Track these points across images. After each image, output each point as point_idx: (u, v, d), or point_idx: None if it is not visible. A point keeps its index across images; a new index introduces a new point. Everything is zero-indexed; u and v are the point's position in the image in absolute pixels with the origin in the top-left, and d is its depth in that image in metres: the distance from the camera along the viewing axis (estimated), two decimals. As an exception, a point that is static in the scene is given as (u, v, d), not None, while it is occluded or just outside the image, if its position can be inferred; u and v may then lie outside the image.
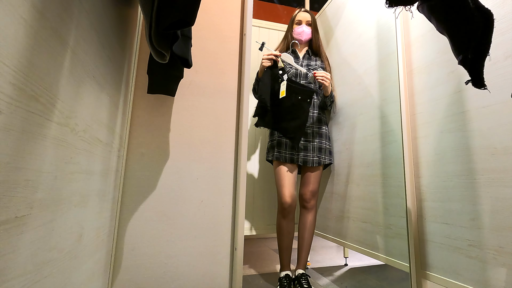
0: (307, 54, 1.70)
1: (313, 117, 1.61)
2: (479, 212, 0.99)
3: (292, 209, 1.49)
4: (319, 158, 1.56)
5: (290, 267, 1.51)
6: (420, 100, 1.27)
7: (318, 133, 1.59)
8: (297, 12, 1.72)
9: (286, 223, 1.49)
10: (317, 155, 1.56)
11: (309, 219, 1.54)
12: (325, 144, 1.60)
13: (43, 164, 0.45)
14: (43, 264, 0.47)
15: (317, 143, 1.57)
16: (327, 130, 1.64)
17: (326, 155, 1.59)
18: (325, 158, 1.58)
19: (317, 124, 1.61)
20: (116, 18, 0.82)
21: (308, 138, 1.57)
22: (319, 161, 1.55)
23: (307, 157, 1.55)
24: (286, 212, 1.48)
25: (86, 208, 0.67)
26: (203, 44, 1.23)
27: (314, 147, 1.57)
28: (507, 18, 0.95)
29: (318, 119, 1.62)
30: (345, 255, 1.96)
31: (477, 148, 1.01)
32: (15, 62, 0.36)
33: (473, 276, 1.00)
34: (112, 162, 0.90)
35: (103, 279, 0.90)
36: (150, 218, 1.06)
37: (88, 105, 0.64)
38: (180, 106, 1.17)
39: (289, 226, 1.50)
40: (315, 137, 1.58)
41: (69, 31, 0.51)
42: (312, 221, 1.55)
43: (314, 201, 1.56)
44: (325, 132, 1.63)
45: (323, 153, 1.58)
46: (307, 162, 1.54)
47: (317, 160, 1.55)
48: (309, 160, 1.54)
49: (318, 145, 1.57)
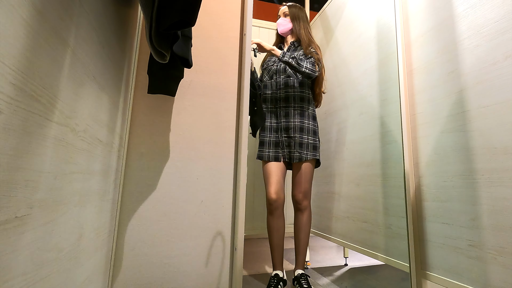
0: (293, 46, 1.67)
1: (294, 111, 1.56)
2: (479, 212, 0.99)
3: (278, 205, 1.48)
4: (300, 154, 1.51)
5: (282, 267, 1.49)
6: (420, 100, 1.27)
7: (299, 128, 1.54)
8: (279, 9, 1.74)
9: (273, 219, 1.49)
10: (298, 151, 1.51)
11: (303, 220, 1.51)
12: (307, 139, 1.53)
13: (43, 164, 0.45)
14: (43, 264, 0.47)
15: (298, 138, 1.52)
16: (310, 124, 1.56)
17: (309, 150, 1.52)
18: (308, 154, 1.51)
19: (298, 118, 1.55)
20: (116, 18, 0.82)
21: (290, 134, 1.54)
22: (300, 157, 1.50)
23: (291, 153, 1.53)
24: (272, 208, 1.48)
25: (86, 208, 0.67)
26: (203, 44, 1.23)
27: (296, 142, 1.52)
28: (507, 18, 0.95)
29: (300, 113, 1.56)
30: (345, 255, 1.95)
31: (477, 148, 1.01)
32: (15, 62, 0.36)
33: (473, 276, 1.00)
34: (112, 162, 0.90)
35: (103, 279, 0.90)
36: (150, 218, 1.06)
37: (88, 105, 0.64)
38: (180, 106, 1.17)
39: (277, 223, 1.49)
40: (296, 132, 1.53)
41: (69, 31, 0.51)
42: (306, 221, 1.52)
43: (307, 201, 1.53)
44: (308, 127, 1.55)
45: (305, 149, 1.52)
46: (292, 158, 1.53)
47: (298, 156, 1.51)
48: (292, 156, 1.52)
49: (299, 140, 1.52)
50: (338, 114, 1.85)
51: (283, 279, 1.44)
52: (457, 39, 1.12)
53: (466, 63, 1.07)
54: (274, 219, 1.49)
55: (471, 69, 1.05)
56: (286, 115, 1.57)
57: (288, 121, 1.55)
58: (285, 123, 1.56)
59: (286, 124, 1.56)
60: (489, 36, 1.00)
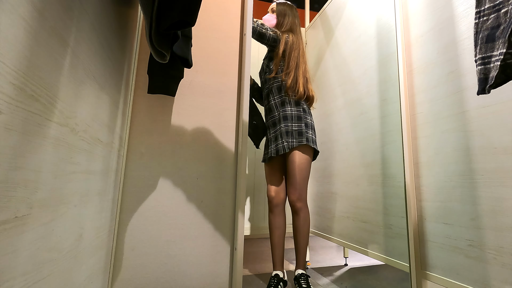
0: None
1: (275, 103, 1.55)
2: (479, 212, 0.99)
3: (278, 203, 1.49)
4: (287, 143, 1.45)
5: (283, 267, 1.49)
6: (420, 100, 1.27)
7: (283, 117, 1.50)
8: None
9: (273, 217, 1.50)
10: (286, 140, 1.46)
11: (299, 221, 1.47)
12: (291, 126, 1.47)
13: (43, 164, 0.45)
14: (43, 264, 0.47)
15: (283, 128, 1.48)
16: (294, 110, 1.51)
17: (294, 137, 1.45)
18: (293, 141, 1.45)
19: (281, 107, 1.53)
20: (116, 18, 0.82)
21: (276, 126, 1.53)
22: (287, 146, 1.45)
23: (278, 145, 1.49)
24: (272, 206, 1.51)
25: (86, 208, 0.67)
26: (203, 44, 1.23)
27: (282, 132, 1.48)
28: (507, 18, 0.94)
29: (281, 103, 1.54)
30: (345, 255, 1.96)
31: (477, 148, 1.01)
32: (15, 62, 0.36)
33: (473, 276, 1.00)
34: (112, 162, 0.90)
35: (103, 279, 0.90)
36: (150, 218, 1.06)
37: (88, 105, 0.64)
38: (180, 106, 1.17)
39: (278, 221, 1.49)
40: (281, 122, 1.50)
41: (69, 31, 0.51)
42: (303, 222, 1.47)
43: (301, 203, 1.46)
44: (291, 113, 1.50)
45: (291, 136, 1.46)
46: (278, 150, 1.48)
47: (286, 145, 1.45)
48: (280, 147, 1.48)
49: (284, 129, 1.48)
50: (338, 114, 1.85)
51: (283, 279, 1.44)
52: (457, 39, 1.12)
53: (466, 63, 1.07)
54: (274, 217, 1.50)
55: (471, 69, 1.05)
56: (270, 110, 1.59)
57: (273, 115, 1.55)
58: (271, 119, 1.57)
59: (272, 119, 1.56)
60: (489, 36, 1.00)
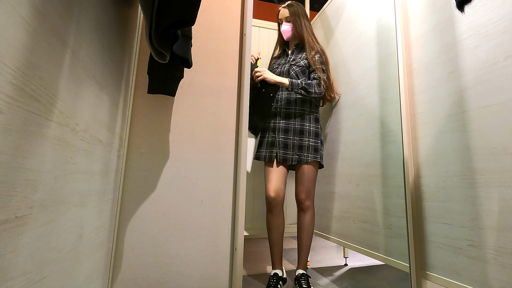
0: (296, 49, 1.68)
1: (295, 114, 1.57)
2: (479, 212, 0.99)
3: (277, 203, 1.49)
4: (299, 156, 1.51)
5: (282, 266, 1.49)
6: (420, 100, 1.27)
7: (299, 131, 1.54)
8: (278, 11, 1.71)
9: (272, 217, 1.50)
10: (297, 153, 1.51)
11: (306, 220, 1.52)
12: (307, 141, 1.53)
13: (43, 164, 0.45)
14: (43, 264, 0.47)
15: (297, 141, 1.53)
16: (312, 126, 1.57)
17: (309, 152, 1.52)
18: (308, 157, 1.51)
19: (299, 121, 1.56)
20: (116, 18, 0.82)
21: (288, 135, 1.55)
22: (299, 159, 1.51)
23: (287, 155, 1.52)
24: (271, 206, 1.49)
25: (86, 208, 0.67)
26: (203, 44, 1.23)
27: (294, 144, 1.53)
28: (507, 18, 0.95)
29: (300, 115, 1.57)
30: (345, 255, 1.95)
31: (477, 148, 1.01)
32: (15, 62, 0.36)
33: (473, 276, 1.00)
34: (112, 162, 0.90)
35: (103, 279, 0.90)
36: (150, 218, 1.06)
37: (88, 105, 0.64)
38: (180, 106, 1.17)
39: (276, 220, 1.50)
40: (296, 135, 1.54)
41: (69, 31, 0.51)
42: (309, 221, 1.53)
43: (309, 201, 1.53)
44: (309, 129, 1.55)
45: (305, 151, 1.52)
46: (287, 160, 1.52)
47: (297, 158, 1.51)
48: (289, 158, 1.52)
49: (298, 143, 1.53)
50: (338, 114, 1.85)
51: (283, 277, 1.45)
52: (457, 39, 1.12)
53: (466, 63, 1.07)
54: (273, 217, 1.50)
55: (471, 69, 1.05)
56: (286, 117, 1.57)
57: (288, 123, 1.56)
58: (284, 124, 1.56)
59: (286, 125, 1.56)
60: (489, 36, 1.00)
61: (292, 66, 1.61)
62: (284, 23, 1.67)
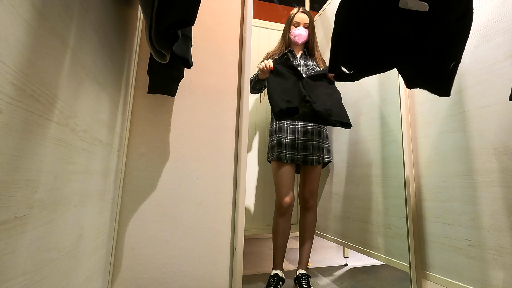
0: (304, 54, 1.69)
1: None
2: (479, 212, 0.99)
3: (290, 209, 1.49)
4: (318, 157, 1.56)
5: (282, 267, 1.50)
6: (420, 100, 1.27)
7: (317, 132, 1.60)
8: (295, 12, 1.68)
9: (283, 221, 1.49)
10: (317, 154, 1.57)
11: (309, 219, 1.55)
12: (323, 142, 1.61)
13: (43, 164, 0.45)
14: (43, 264, 0.47)
15: (316, 142, 1.58)
16: (325, 129, 1.65)
17: (324, 153, 1.60)
18: (324, 157, 1.59)
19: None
20: (116, 18, 0.82)
21: (308, 137, 1.58)
22: (318, 160, 1.56)
23: (307, 156, 1.55)
24: (283, 211, 1.48)
25: (86, 208, 0.67)
26: (203, 44, 1.23)
27: (314, 146, 1.57)
28: (507, 18, 0.95)
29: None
30: (345, 255, 1.95)
31: (477, 148, 1.01)
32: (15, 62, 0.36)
33: (473, 276, 1.00)
34: (112, 162, 0.90)
35: (103, 279, 0.90)
36: (150, 218, 1.06)
37: (88, 105, 0.64)
38: (180, 106, 1.17)
39: (285, 224, 1.50)
40: (314, 136, 1.58)
41: (69, 31, 0.51)
42: (312, 220, 1.55)
43: (314, 200, 1.56)
44: (324, 132, 1.63)
45: (322, 152, 1.59)
46: (307, 161, 1.54)
47: (316, 159, 1.55)
48: (309, 159, 1.54)
49: (317, 144, 1.58)
50: (338, 114, 1.84)
51: (282, 278, 1.45)
52: (457, 39, 1.12)
53: (466, 63, 1.07)
54: (284, 221, 1.50)
55: (471, 69, 1.05)
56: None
57: (306, 124, 1.58)
58: (303, 126, 1.58)
59: (305, 127, 1.58)
60: (489, 36, 1.00)
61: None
62: (301, 27, 1.64)
